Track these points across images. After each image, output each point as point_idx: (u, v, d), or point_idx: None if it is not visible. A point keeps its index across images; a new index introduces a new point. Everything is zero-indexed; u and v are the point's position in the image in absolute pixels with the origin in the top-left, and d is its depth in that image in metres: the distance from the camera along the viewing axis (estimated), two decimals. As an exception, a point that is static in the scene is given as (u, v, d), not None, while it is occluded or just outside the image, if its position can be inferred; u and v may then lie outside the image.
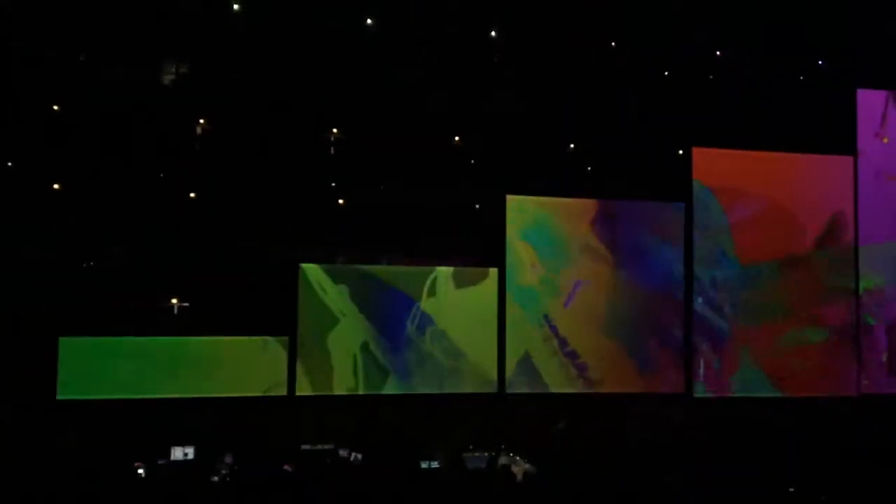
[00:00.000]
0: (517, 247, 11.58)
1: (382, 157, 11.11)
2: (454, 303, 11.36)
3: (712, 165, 12.06)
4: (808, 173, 12.38)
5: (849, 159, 12.53)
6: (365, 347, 11.09)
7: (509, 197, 11.52)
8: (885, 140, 12.67)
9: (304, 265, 10.95)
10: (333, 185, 11.24)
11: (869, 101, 12.68)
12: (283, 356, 10.74)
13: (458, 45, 11.51)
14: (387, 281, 11.20)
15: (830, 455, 8.86)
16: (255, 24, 10.88)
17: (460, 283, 11.41)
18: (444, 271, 11.37)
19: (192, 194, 10.75)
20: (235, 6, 10.85)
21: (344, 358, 11.00)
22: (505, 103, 11.49)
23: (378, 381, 11.10)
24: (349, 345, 11.04)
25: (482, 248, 11.57)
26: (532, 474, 8.49)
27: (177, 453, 8.88)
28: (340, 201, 11.26)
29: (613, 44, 12.00)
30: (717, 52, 12.38)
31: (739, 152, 12.14)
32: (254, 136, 10.75)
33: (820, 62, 12.64)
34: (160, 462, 8.63)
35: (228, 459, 8.56)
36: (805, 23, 12.12)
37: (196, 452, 8.91)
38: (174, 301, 10.61)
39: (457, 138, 11.64)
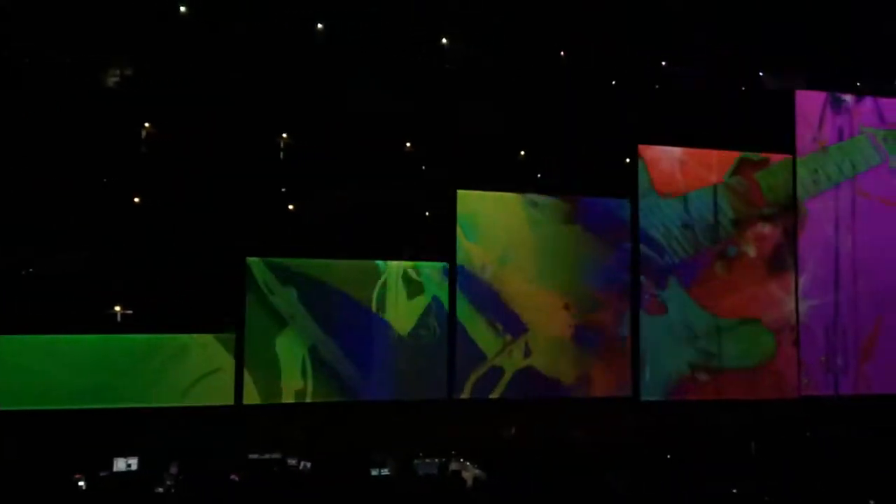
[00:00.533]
0: (468, 248, 11.62)
1: (333, 160, 11.04)
2: (404, 303, 11.34)
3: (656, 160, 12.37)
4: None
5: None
6: (313, 350, 10.96)
7: (460, 192, 11.60)
8: (822, 144, 13.06)
9: (250, 259, 10.74)
10: (283, 189, 11.14)
11: (807, 102, 13.01)
12: (230, 351, 10.54)
13: (411, 50, 11.52)
14: (335, 283, 11.08)
15: (773, 456, 9.11)
16: (204, 26, 10.71)
17: (410, 281, 11.38)
18: (394, 269, 11.31)
19: (136, 199, 10.51)
20: (182, 8, 10.67)
21: (292, 362, 10.84)
22: (458, 109, 11.54)
23: (327, 384, 10.96)
24: (297, 348, 10.89)
25: (434, 247, 11.60)
26: (482, 480, 8.53)
27: (120, 464, 8.64)
28: (290, 207, 11.16)
29: (562, 53, 12.19)
30: (663, 63, 12.65)
31: (681, 149, 12.45)
32: (202, 140, 10.56)
33: (760, 73, 13.01)
34: (102, 474, 8.39)
35: (174, 470, 8.39)
36: (746, 33, 12.48)
37: (140, 463, 8.69)
38: (117, 308, 10.35)
39: (408, 144, 11.65)
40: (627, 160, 12.33)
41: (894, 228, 13.08)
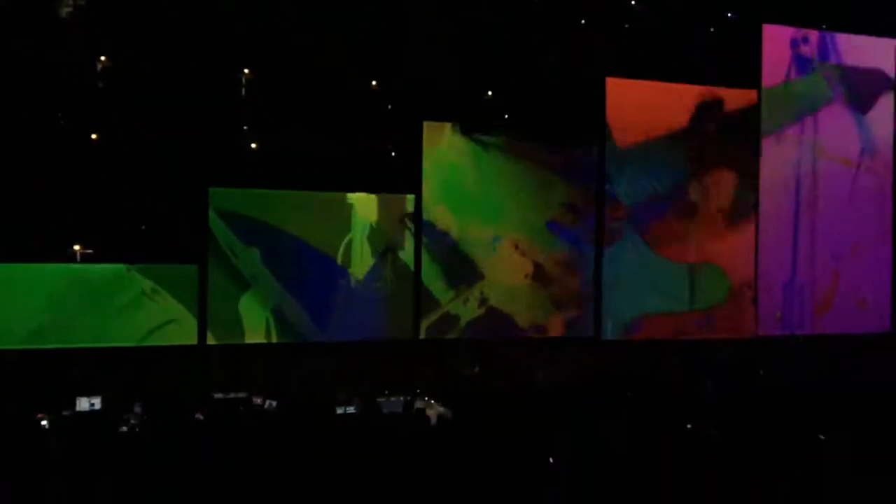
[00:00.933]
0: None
1: (296, 98, 10.81)
2: (371, 251, 11.25)
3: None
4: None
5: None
6: (278, 310, 10.81)
7: (426, 123, 11.40)
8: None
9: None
10: (245, 127, 10.90)
11: (775, 37, 12.92)
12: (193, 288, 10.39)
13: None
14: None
15: (725, 394, 9.42)
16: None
17: (375, 232, 11.27)
18: (360, 202, 11.14)
19: (93, 135, 10.22)
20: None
21: (256, 321, 10.72)
22: (421, 50, 11.31)
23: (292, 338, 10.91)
24: (261, 308, 10.74)
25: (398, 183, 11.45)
26: (446, 417, 8.71)
27: (83, 404, 8.61)
28: (253, 145, 10.95)
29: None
30: (632, 2, 12.52)
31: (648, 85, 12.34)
32: (162, 75, 10.23)
33: (728, 14, 12.94)
34: (65, 413, 8.38)
35: (138, 409, 8.42)
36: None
37: (103, 402, 8.68)
38: (77, 248, 10.15)
39: (374, 83, 11.44)
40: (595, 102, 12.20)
41: (852, 187, 13.30)
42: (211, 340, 10.45)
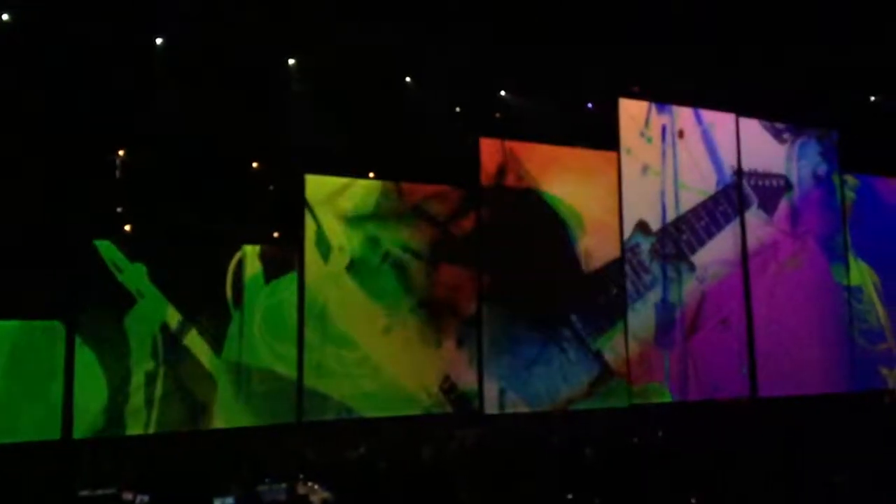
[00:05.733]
0: (327, 229, 11.45)
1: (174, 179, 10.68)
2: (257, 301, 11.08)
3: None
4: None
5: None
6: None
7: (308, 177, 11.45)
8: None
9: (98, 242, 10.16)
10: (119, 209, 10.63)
11: (631, 107, 13.71)
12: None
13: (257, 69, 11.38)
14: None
15: (602, 462, 9.72)
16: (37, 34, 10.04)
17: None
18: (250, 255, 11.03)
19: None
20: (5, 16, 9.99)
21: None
22: (305, 129, 11.49)
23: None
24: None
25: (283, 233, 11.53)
26: (330, 502, 8.52)
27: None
28: (127, 228, 10.67)
29: (408, 79, 12.51)
30: (502, 92, 13.24)
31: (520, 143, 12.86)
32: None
33: (589, 105, 13.86)
34: None
35: (-9, 513, 7.74)
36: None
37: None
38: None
39: (255, 164, 11.48)
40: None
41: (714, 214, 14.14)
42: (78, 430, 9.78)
